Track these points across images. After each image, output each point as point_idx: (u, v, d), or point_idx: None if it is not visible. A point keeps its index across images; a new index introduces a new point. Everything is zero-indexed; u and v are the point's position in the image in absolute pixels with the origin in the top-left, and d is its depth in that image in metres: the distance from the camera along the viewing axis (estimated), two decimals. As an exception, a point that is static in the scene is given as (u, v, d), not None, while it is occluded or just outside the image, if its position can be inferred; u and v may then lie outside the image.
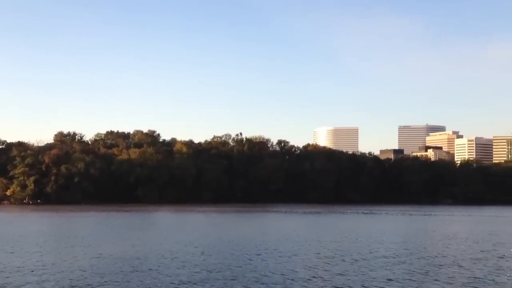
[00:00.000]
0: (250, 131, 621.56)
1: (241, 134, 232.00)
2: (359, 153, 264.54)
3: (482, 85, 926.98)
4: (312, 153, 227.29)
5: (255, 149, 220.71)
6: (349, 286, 27.46)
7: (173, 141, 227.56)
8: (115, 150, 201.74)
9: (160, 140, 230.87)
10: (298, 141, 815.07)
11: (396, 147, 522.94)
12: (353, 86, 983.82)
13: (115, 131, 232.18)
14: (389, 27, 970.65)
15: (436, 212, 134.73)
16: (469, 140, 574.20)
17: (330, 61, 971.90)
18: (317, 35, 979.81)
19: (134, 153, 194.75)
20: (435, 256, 40.20)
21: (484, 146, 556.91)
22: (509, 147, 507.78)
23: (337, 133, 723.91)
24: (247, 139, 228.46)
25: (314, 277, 29.93)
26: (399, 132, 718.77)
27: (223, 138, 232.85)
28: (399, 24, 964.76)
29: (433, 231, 68.44)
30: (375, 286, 27.54)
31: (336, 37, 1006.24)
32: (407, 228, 76.07)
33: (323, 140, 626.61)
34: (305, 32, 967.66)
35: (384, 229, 70.66)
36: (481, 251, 44.10)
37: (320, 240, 52.11)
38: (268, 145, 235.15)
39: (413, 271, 32.41)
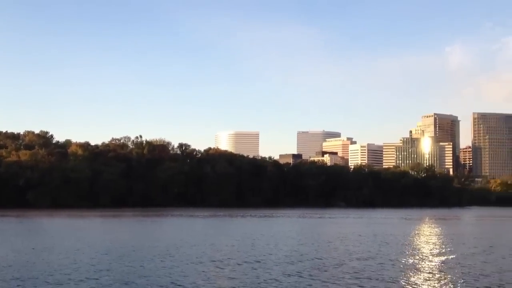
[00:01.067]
0: (150, 134, 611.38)
1: (140, 136, 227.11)
2: (259, 157, 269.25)
3: (375, 96, 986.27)
4: (213, 156, 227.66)
5: (155, 152, 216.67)
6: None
7: (68, 143, 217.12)
8: (3, 152, 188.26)
9: (54, 142, 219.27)
10: (199, 145, 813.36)
11: (295, 152, 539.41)
12: (255, 92, 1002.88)
13: (3, 131, 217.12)
14: (291, 35, 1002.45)
15: (331, 214, 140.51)
16: (361, 146, 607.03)
17: (232, 66, 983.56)
18: (220, 39, 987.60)
19: (24, 155, 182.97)
20: (326, 257, 41.54)
21: (375, 152, 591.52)
22: (397, 153, 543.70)
23: (238, 137, 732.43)
24: (147, 142, 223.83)
25: (208, 283, 29.67)
26: (298, 138, 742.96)
27: (121, 141, 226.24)
28: (301, 33, 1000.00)
29: (326, 233, 71.11)
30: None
31: (239, 43, 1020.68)
32: (302, 230, 78.31)
33: (225, 144, 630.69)
34: (208, 36, 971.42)
35: (280, 232, 72.24)
36: (368, 251, 46.42)
37: (216, 244, 52.00)
38: (169, 148, 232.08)
39: (302, 272, 33.23)
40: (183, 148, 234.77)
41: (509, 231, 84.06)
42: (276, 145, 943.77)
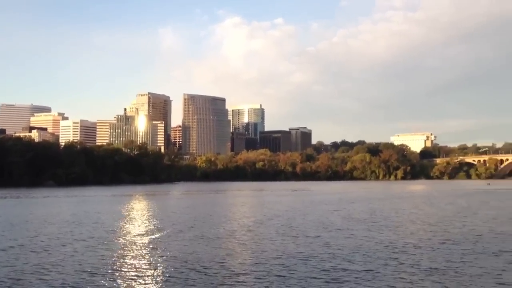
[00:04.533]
0: None
1: None
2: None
3: (90, 71, 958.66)
4: None
5: None
6: None
7: None
8: None
9: None
10: None
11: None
12: None
13: None
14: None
15: (35, 194, 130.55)
16: (74, 123, 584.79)
17: None
18: None
19: None
20: (30, 242, 37.73)
21: (88, 129, 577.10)
22: (112, 130, 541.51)
23: None
24: None
25: None
26: (1, 111, 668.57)
27: None
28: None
29: (31, 214, 64.95)
30: None
31: None
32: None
33: None
34: None
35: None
36: (62, 232, 44.15)
37: None
38: None
39: None
40: None
41: (206, 204, 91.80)
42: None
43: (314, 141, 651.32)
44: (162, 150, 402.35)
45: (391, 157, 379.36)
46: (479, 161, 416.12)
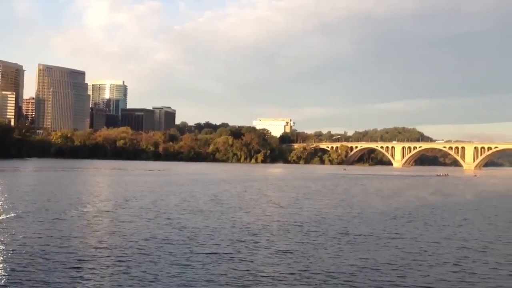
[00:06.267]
0: None
1: None
2: None
3: None
4: None
5: None
6: None
7: None
8: None
9: None
10: None
11: None
12: None
13: None
14: None
15: None
16: None
17: None
18: None
19: None
20: None
21: None
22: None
23: None
24: None
25: None
26: None
27: None
28: None
29: None
30: None
31: None
32: None
33: None
34: None
35: None
36: None
37: None
38: None
39: None
40: None
41: (58, 182, 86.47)
42: None
43: (178, 121, 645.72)
44: (12, 123, 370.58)
45: (252, 140, 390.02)
46: (332, 147, 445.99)
